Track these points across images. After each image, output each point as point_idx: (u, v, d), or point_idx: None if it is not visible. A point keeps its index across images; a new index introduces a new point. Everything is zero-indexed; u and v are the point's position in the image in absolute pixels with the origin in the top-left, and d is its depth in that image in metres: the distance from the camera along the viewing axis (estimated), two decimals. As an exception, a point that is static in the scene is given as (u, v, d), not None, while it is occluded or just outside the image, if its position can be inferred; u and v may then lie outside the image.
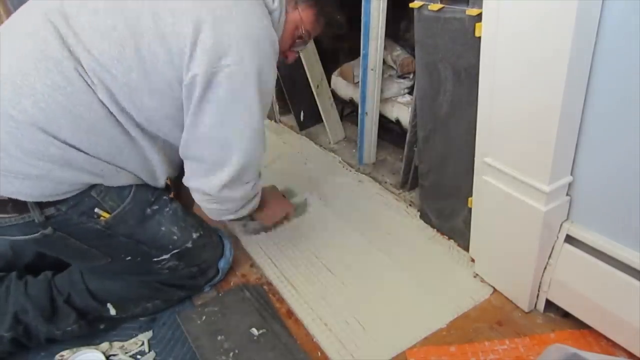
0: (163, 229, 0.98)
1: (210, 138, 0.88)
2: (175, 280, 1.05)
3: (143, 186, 0.96)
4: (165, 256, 0.99)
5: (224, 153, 0.91)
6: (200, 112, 0.85)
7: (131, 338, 1.02)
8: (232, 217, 1.05)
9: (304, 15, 0.97)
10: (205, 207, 1.01)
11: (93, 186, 0.88)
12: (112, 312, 1.01)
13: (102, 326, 1.03)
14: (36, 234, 0.87)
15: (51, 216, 0.86)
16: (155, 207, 0.97)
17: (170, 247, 0.99)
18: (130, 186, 0.93)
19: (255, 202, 1.08)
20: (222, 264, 1.12)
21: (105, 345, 1.00)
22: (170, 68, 0.82)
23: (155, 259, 0.99)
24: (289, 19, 0.96)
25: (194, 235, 1.02)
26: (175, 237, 0.99)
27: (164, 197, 1.01)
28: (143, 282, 1.02)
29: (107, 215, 0.90)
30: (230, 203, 1.00)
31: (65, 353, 0.97)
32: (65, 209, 0.86)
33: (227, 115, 0.86)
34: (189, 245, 1.01)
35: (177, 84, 0.83)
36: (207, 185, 0.94)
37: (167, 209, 1.00)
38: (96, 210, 0.89)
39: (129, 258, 0.97)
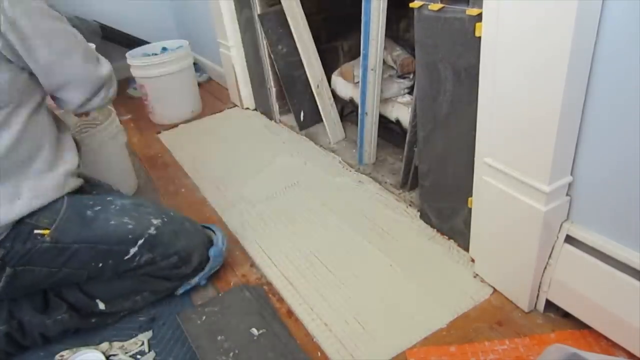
0: (113, 222, 0.99)
1: (59, 58, 0.93)
2: (159, 272, 1.05)
3: (77, 192, 1.01)
4: (133, 249, 0.99)
5: (69, 53, 0.95)
6: (31, 51, 0.89)
7: (131, 338, 1.02)
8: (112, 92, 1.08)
9: None
10: (114, 90, 1.07)
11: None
12: (101, 306, 1.02)
13: (93, 320, 1.03)
14: (2, 280, 0.91)
15: (2, 257, 0.90)
16: (97, 208, 1.00)
17: (130, 236, 0.99)
18: (62, 198, 0.97)
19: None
20: (213, 252, 1.12)
21: (105, 345, 1.00)
22: None
23: (126, 257, 0.99)
24: None
25: (155, 222, 1.03)
26: (130, 227, 1.00)
27: (108, 198, 1.04)
28: (129, 276, 1.03)
29: (47, 231, 0.93)
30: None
31: (65, 353, 0.98)
32: (10, 244, 0.91)
33: (46, 33, 0.91)
34: (152, 231, 1.02)
35: None
36: (93, 77, 1.00)
37: (113, 206, 1.02)
38: (35, 232, 0.92)
39: (101, 264, 0.98)
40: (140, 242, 1.00)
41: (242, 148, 1.82)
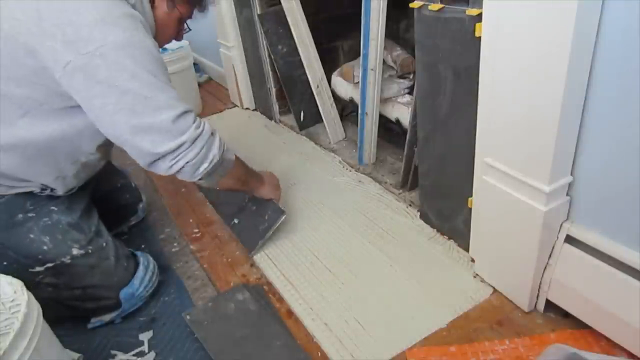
0: (32, 236, 0.96)
1: (118, 111, 0.87)
2: (61, 299, 1.01)
3: (25, 194, 0.96)
4: (39, 268, 0.96)
5: (139, 117, 0.88)
6: (95, 95, 0.85)
7: (131, 338, 1.02)
8: (207, 167, 0.97)
9: (182, 9, 1.06)
10: (178, 167, 0.93)
11: None
12: None
13: None
14: None
15: None
16: (31, 214, 0.97)
17: (40, 257, 0.96)
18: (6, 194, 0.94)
19: (222, 155, 1.00)
20: (124, 295, 1.04)
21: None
22: (31, 61, 0.84)
23: (30, 270, 0.96)
24: (172, 16, 1.04)
25: (74, 252, 0.99)
26: (45, 248, 0.96)
27: (51, 207, 0.99)
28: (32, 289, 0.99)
29: None
30: (188, 151, 0.93)
31: None
32: None
33: (120, 85, 0.85)
34: (66, 260, 0.98)
35: (43, 72, 0.84)
36: (151, 149, 0.90)
37: (47, 218, 0.98)
38: None
39: (6, 263, 0.95)
40: (48, 265, 0.97)
41: (242, 148, 1.81)
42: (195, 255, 1.27)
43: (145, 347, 1.00)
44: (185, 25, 1.12)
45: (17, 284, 0.79)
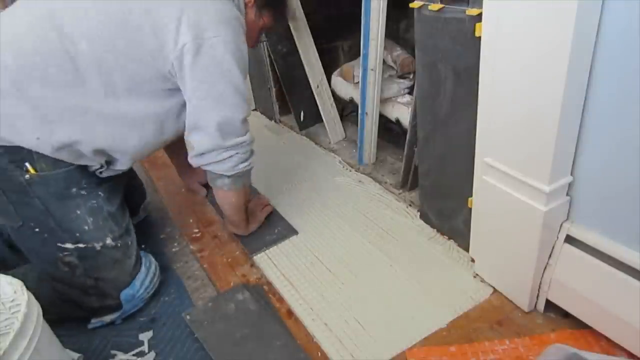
0: (78, 212, 0.99)
1: (207, 97, 0.98)
2: (70, 290, 1.02)
3: (84, 170, 1.00)
4: (69, 245, 0.99)
5: (220, 108, 1.00)
6: (194, 78, 0.96)
7: (131, 338, 1.02)
8: (246, 166, 1.12)
9: (266, 20, 1.17)
10: (228, 154, 1.06)
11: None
12: None
13: None
14: None
15: None
16: (83, 192, 1.00)
17: (77, 235, 0.99)
18: (72, 164, 0.98)
19: (250, 160, 1.13)
20: (124, 296, 1.05)
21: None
22: (153, 39, 0.93)
23: (59, 244, 0.98)
24: (257, 25, 1.16)
25: (107, 241, 1.02)
26: (86, 227, 1.00)
27: (99, 192, 1.03)
28: (41, 286, 0.99)
29: (33, 172, 0.94)
30: (243, 147, 1.08)
31: None
32: (3, 151, 0.92)
33: (216, 75, 0.97)
34: (97, 247, 1.01)
35: (160, 53, 0.94)
36: (221, 142, 1.03)
37: (94, 201, 1.02)
38: (26, 163, 0.93)
39: (37, 230, 0.97)
40: (80, 245, 0.99)
41: (242, 148, 1.81)
42: (195, 255, 1.27)
43: (145, 347, 1.00)
44: (263, 35, 1.22)
45: (17, 284, 0.79)
